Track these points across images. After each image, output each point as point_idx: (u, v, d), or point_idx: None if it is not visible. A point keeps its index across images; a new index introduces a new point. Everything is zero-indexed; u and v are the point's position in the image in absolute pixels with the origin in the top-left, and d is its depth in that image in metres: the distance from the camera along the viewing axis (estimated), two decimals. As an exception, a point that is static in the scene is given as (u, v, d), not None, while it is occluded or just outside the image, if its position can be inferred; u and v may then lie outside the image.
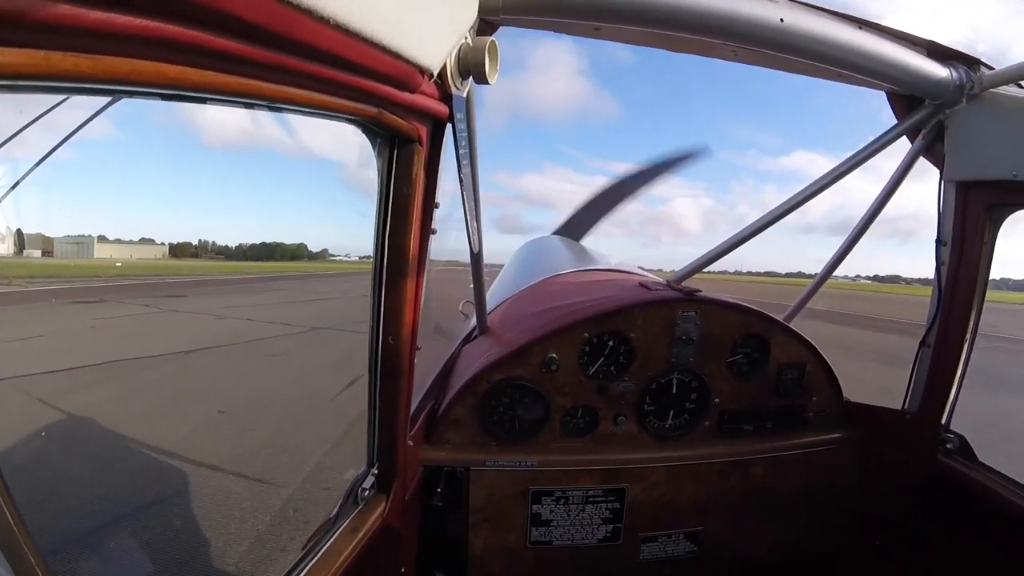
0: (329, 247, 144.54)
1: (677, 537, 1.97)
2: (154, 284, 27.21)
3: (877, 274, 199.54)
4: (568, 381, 1.86)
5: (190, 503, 3.89)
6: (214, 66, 0.63)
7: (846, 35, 1.47)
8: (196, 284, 29.06)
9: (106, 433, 5.30)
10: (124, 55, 0.54)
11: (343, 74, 0.81)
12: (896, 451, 1.96)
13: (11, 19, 0.42)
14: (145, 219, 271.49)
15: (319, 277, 43.41)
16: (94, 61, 0.51)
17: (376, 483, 1.51)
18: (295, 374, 7.89)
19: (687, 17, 1.32)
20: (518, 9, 1.26)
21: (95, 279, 29.09)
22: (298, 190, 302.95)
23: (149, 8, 0.51)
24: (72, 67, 0.50)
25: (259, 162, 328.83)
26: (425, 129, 1.15)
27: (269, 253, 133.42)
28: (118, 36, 0.51)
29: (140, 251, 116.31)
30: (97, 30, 0.49)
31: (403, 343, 1.35)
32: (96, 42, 0.50)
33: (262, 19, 0.60)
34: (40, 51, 0.47)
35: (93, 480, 4.20)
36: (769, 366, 1.96)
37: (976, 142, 1.66)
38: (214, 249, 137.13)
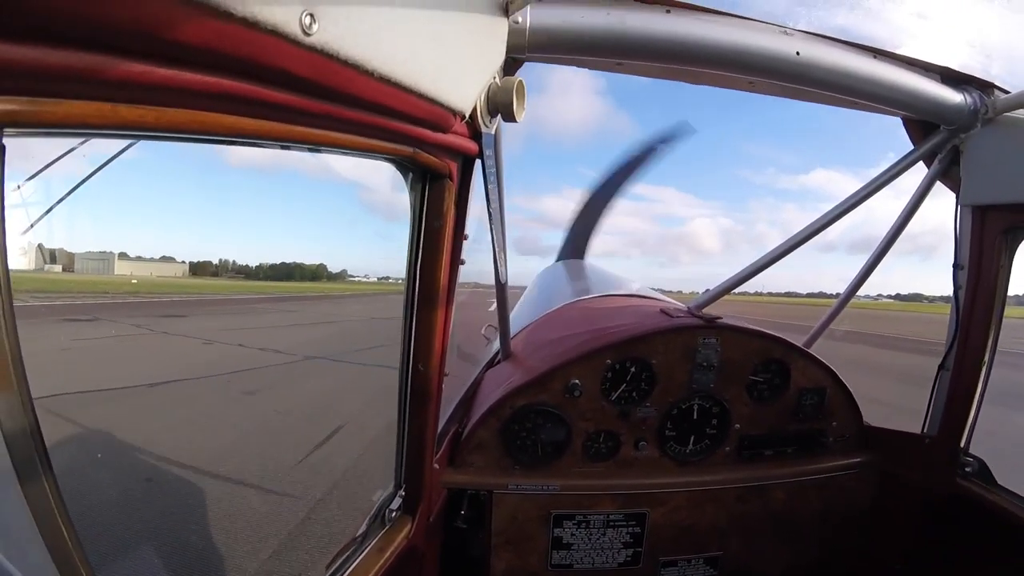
0: (349, 268, 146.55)
1: (697, 562, 1.97)
2: (160, 303, 26.62)
3: (899, 292, 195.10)
4: (590, 406, 1.88)
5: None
6: (268, 115, 0.68)
7: (861, 64, 1.48)
8: (204, 303, 28.43)
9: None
10: (187, 107, 0.59)
11: (383, 119, 0.86)
12: (915, 475, 1.95)
13: (92, 76, 0.48)
14: (167, 237, 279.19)
15: (333, 298, 42.48)
16: (159, 113, 0.56)
17: (403, 504, 1.53)
18: (258, 422, 6.34)
19: (705, 52, 1.35)
20: (543, 48, 1.30)
21: (104, 295, 28.62)
22: (320, 212, 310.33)
23: (211, 65, 0.56)
24: (139, 119, 0.55)
25: (282, 183, 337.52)
26: (456, 165, 1.20)
27: (288, 273, 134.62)
28: (182, 91, 0.56)
29: (160, 269, 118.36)
30: (163, 85, 0.54)
31: (432, 370, 1.39)
32: (162, 96, 0.55)
33: (313, 74, 0.65)
34: (108, 104, 0.52)
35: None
36: (789, 391, 1.97)
37: (991, 166, 1.66)
38: (234, 268, 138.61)
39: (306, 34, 0.60)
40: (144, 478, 4.61)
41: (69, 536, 0.71)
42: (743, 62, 1.38)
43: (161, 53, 0.52)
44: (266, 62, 0.59)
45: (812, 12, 1.46)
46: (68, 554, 0.71)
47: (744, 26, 1.38)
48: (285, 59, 0.60)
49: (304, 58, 0.62)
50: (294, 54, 0.61)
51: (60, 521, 0.69)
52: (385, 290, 61.94)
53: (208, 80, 0.57)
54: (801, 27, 1.44)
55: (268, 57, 0.59)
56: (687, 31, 1.33)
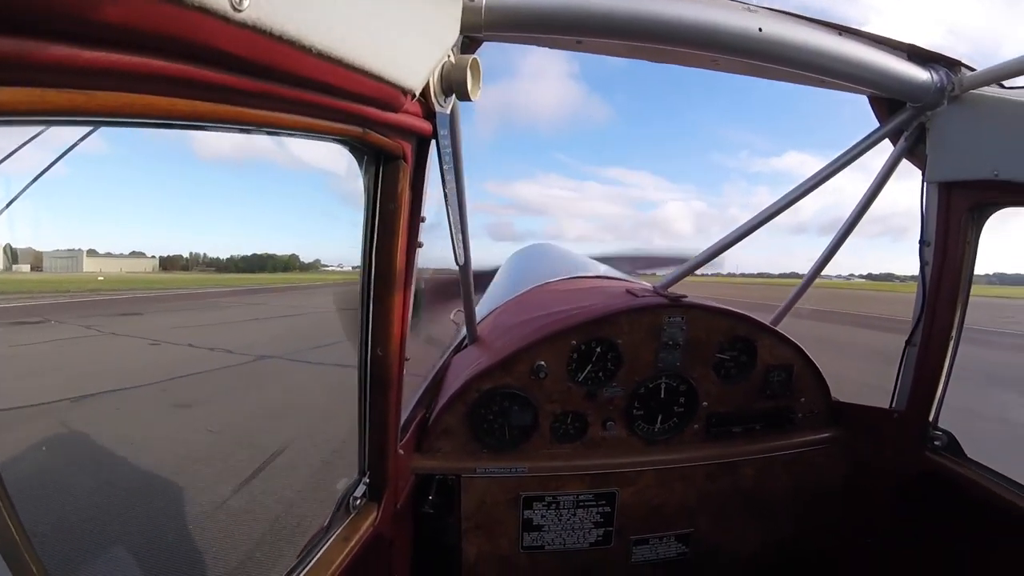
0: (322, 258, 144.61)
1: (668, 539, 1.98)
2: (121, 300, 24.91)
3: (871, 272, 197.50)
4: (557, 388, 1.88)
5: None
6: (202, 96, 0.66)
7: (826, 42, 1.47)
8: (166, 299, 27.27)
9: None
10: (116, 90, 0.56)
11: (327, 98, 0.84)
12: (885, 449, 1.97)
13: (11, 61, 0.45)
14: (137, 232, 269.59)
15: (303, 289, 41.11)
16: (88, 96, 0.54)
17: (368, 492, 1.52)
18: (182, 450, 5.20)
19: (667, 29, 1.33)
20: (500, 26, 1.28)
21: (65, 295, 27.45)
22: (290, 201, 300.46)
23: (139, 46, 0.54)
24: (68, 103, 0.53)
25: (252, 174, 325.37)
26: (410, 146, 1.18)
27: (261, 265, 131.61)
28: (111, 72, 0.53)
29: (130, 264, 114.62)
30: (90, 68, 0.51)
31: (391, 355, 1.37)
32: (90, 79, 0.53)
33: (246, 52, 0.62)
34: (36, 88, 0.50)
35: None
36: (756, 368, 1.98)
37: (957, 143, 1.66)
38: (205, 261, 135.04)
39: (236, 10, 0.58)
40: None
41: (20, 539, 0.71)
42: (706, 39, 1.37)
43: (86, 34, 0.49)
44: (196, 40, 0.57)
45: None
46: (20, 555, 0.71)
47: (707, 3, 1.36)
48: (216, 37, 0.58)
49: (236, 35, 0.60)
50: (225, 31, 0.59)
51: (10, 523, 0.69)
52: (356, 279, 61.45)
53: (137, 61, 0.55)
54: (765, 4, 1.43)
55: (198, 35, 0.57)
56: (649, 8, 1.31)
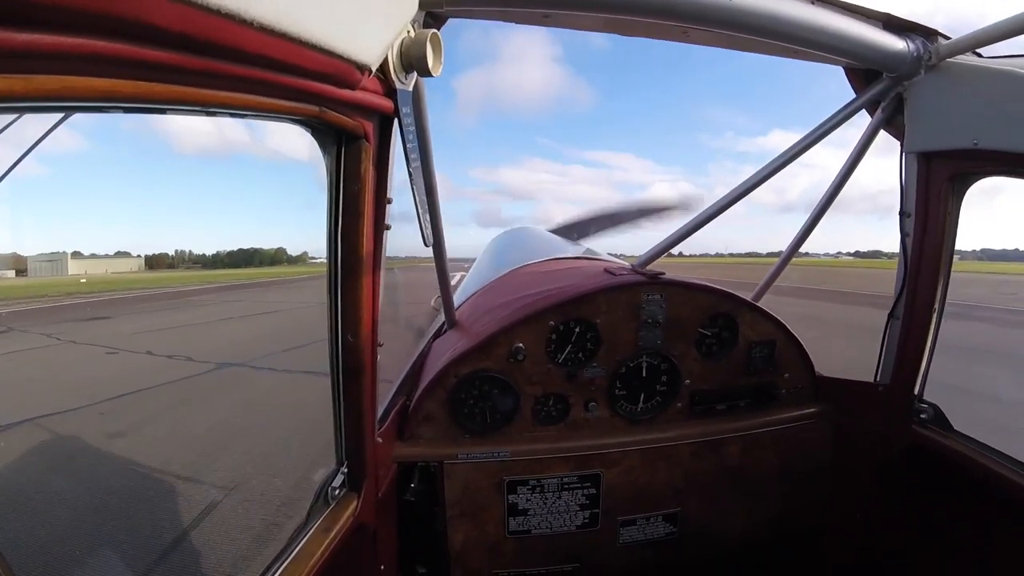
0: (309, 250, 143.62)
1: (655, 519, 1.98)
2: (95, 303, 23.51)
3: (858, 250, 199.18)
4: (536, 370, 1.86)
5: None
6: (142, 76, 0.63)
7: (799, 11, 1.44)
8: (142, 300, 25.58)
9: None
10: (54, 72, 0.54)
11: (276, 75, 0.81)
12: (871, 424, 1.97)
13: None
14: (122, 232, 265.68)
15: (287, 283, 39.87)
16: (25, 81, 0.52)
17: (346, 482, 1.50)
18: (99, 492, 4.32)
19: (634, 1, 1.30)
20: (463, 0, 1.24)
21: (42, 299, 26.47)
22: (275, 193, 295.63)
23: (71, 25, 0.51)
24: (7, 88, 0.50)
25: (235, 167, 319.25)
26: (372, 125, 1.15)
27: (248, 259, 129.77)
28: (44, 55, 0.51)
29: (116, 265, 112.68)
30: (25, 50, 0.49)
31: (363, 340, 1.35)
32: (25, 61, 0.50)
33: (184, 27, 0.60)
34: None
35: None
36: (738, 345, 1.96)
37: (936, 113, 1.65)
38: (191, 259, 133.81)
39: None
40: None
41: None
42: (675, 10, 1.34)
43: (15, 15, 0.47)
44: (129, 16, 0.54)
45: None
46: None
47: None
48: (148, 12, 0.55)
49: (169, 9, 0.57)
50: (157, 5, 0.56)
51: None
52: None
53: (71, 41, 0.52)
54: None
55: (130, 11, 0.53)
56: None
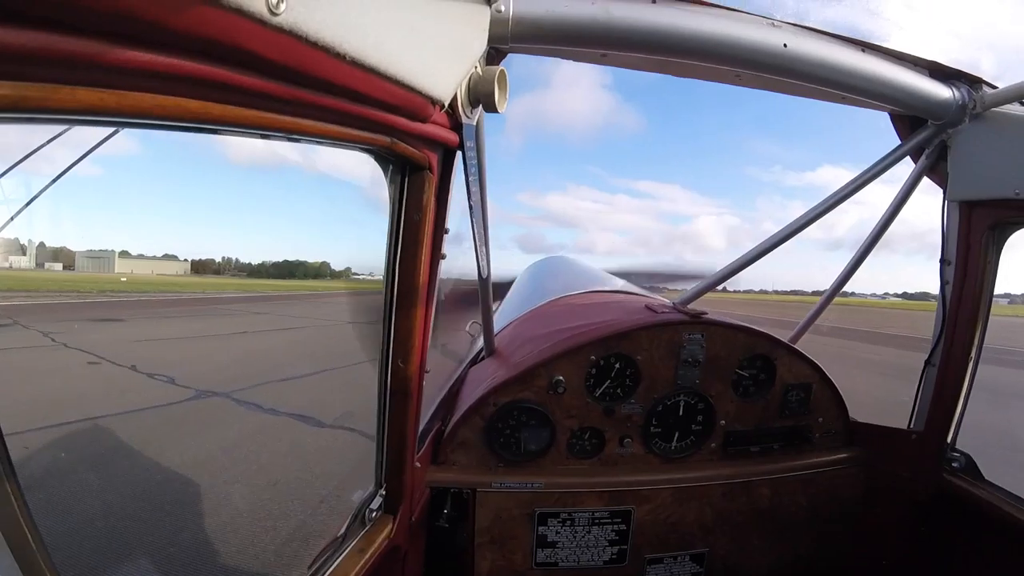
0: (353, 266, 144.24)
1: (683, 559, 1.95)
2: (118, 303, 23.57)
3: (906, 291, 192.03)
4: (574, 403, 1.86)
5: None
6: (234, 100, 0.65)
7: (849, 58, 1.46)
8: (166, 303, 25.25)
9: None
10: (148, 90, 0.56)
11: (358, 106, 0.83)
12: (902, 470, 1.95)
13: (40, 55, 0.45)
14: (171, 235, 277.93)
15: (319, 297, 38.90)
16: (119, 96, 0.53)
17: (384, 504, 1.51)
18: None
19: (691, 44, 1.32)
20: (526, 38, 1.27)
21: (72, 293, 26.49)
22: (323, 209, 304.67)
23: (172, 46, 0.53)
24: (99, 102, 0.52)
25: (285, 179, 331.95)
26: (436, 156, 1.17)
27: (291, 271, 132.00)
28: (142, 72, 0.53)
29: (162, 267, 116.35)
30: (121, 67, 0.51)
31: (412, 366, 1.37)
32: (121, 78, 0.52)
33: (281, 56, 0.62)
34: (66, 86, 0.49)
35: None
36: (775, 387, 1.96)
37: (978, 161, 1.65)
38: (237, 266, 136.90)
39: (273, 14, 0.57)
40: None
41: (34, 539, 0.71)
42: (730, 54, 1.36)
43: (119, 31, 0.49)
44: (231, 42, 0.56)
45: (800, 4, 1.44)
46: (33, 558, 0.71)
47: (731, 17, 1.35)
48: (251, 40, 0.58)
49: (271, 39, 0.60)
50: (260, 34, 0.58)
51: (24, 525, 0.70)
52: (376, 288, 59.49)
53: (171, 62, 0.54)
54: (789, 19, 1.42)
55: (233, 37, 0.56)
56: (673, 22, 1.30)
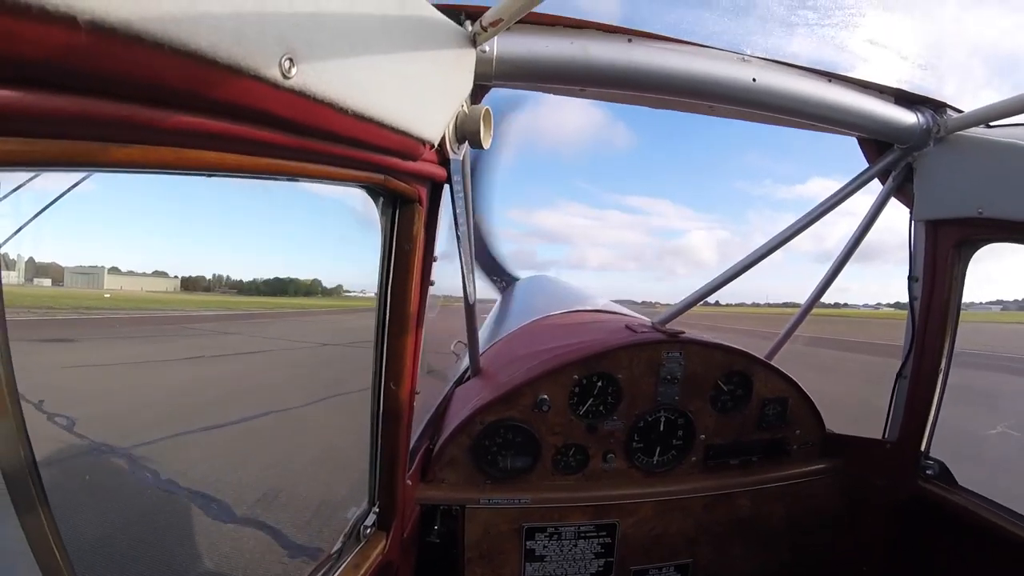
0: (344, 284, 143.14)
1: (668, 570, 1.99)
2: (80, 321, 22.25)
3: (898, 301, 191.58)
4: (558, 421, 1.90)
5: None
6: (247, 151, 0.70)
7: (816, 89, 1.53)
8: (134, 322, 23.75)
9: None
10: (172, 145, 0.60)
11: (356, 151, 0.88)
12: (878, 479, 2.00)
13: (78, 118, 0.49)
14: (163, 252, 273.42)
15: (303, 315, 37.08)
16: (145, 151, 0.58)
17: (377, 521, 1.53)
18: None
19: (666, 80, 1.39)
20: (509, 76, 1.33)
21: (41, 310, 25.72)
22: (315, 226, 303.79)
23: (198, 108, 0.58)
24: (127, 157, 0.56)
25: (277, 197, 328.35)
26: (425, 190, 1.21)
27: (283, 289, 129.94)
28: (168, 131, 0.57)
29: (152, 283, 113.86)
30: (151, 125, 0.55)
31: (404, 388, 1.40)
32: (150, 135, 0.57)
33: (291, 113, 0.68)
34: (101, 143, 0.53)
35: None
36: (752, 401, 2.01)
37: (943, 182, 1.71)
38: (228, 284, 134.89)
39: (286, 77, 0.63)
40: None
41: (62, 559, 0.74)
42: (702, 89, 1.42)
43: (150, 97, 0.53)
44: (248, 104, 0.61)
45: (768, 39, 1.48)
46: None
47: (703, 54, 1.41)
48: (266, 101, 0.63)
49: (284, 99, 0.65)
50: (274, 96, 0.63)
51: (52, 543, 0.73)
52: (359, 305, 57.05)
53: (193, 121, 0.58)
54: (758, 54, 1.47)
55: (250, 99, 0.61)
56: (648, 59, 1.36)
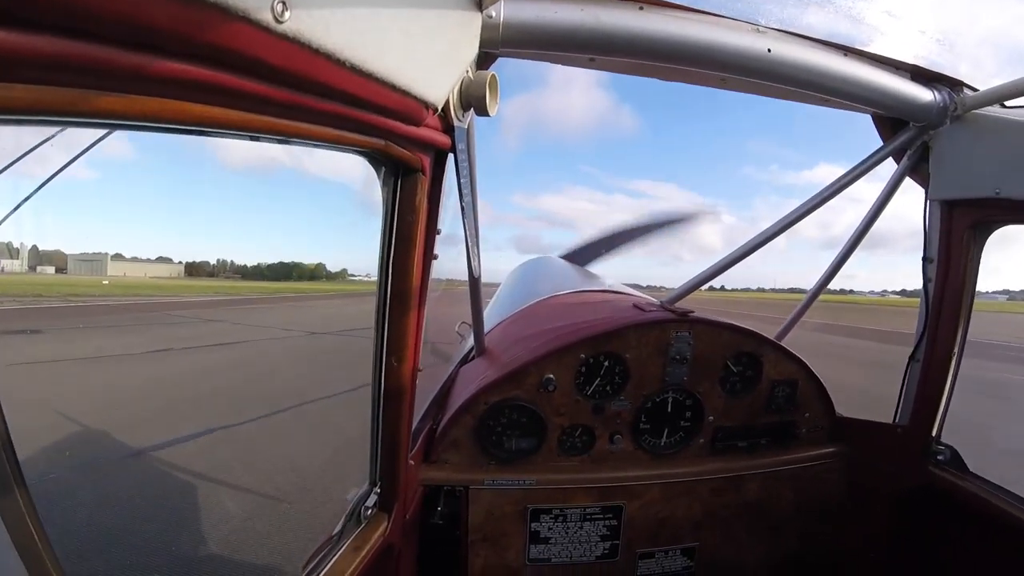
0: (349, 267, 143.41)
1: (674, 553, 1.98)
2: (58, 309, 21.46)
3: (904, 288, 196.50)
4: (564, 401, 1.88)
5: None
6: (234, 104, 0.65)
7: (832, 62, 1.48)
8: (116, 310, 22.61)
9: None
10: (153, 95, 0.56)
11: (355, 111, 0.84)
12: (888, 464, 1.97)
13: (51, 61, 0.45)
14: (166, 238, 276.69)
15: (300, 300, 36.21)
16: (128, 101, 0.54)
17: (378, 502, 1.51)
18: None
19: (678, 49, 1.35)
20: (516, 42, 1.29)
21: (32, 298, 25.07)
22: (320, 210, 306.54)
23: (180, 52, 0.54)
24: (108, 107, 0.52)
25: (282, 184, 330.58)
26: (428, 159, 1.18)
27: (286, 273, 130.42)
28: (148, 78, 0.53)
29: (156, 269, 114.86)
30: (129, 72, 0.51)
31: (406, 365, 1.37)
32: (128, 83, 0.53)
33: (285, 63, 0.63)
34: (77, 90, 0.49)
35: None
36: (762, 383, 1.98)
37: (959, 162, 1.67)
38: (232, 268, 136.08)
39: (278, 21, 0.58)
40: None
41: (39, 538, 0.71)
42: (715, 59, 1.38)
43: (131, 39, 0.49)
44: (237, 49, 0.57)
45: (784, 10, 1.44)
46: (39, 556, 0.72)
47: (716, 23, 1.37)
48: (256, 46, 0.58)
49: (275, 46, 0.60)
50: (265, 41, 0.59)
51: (31, 524, 0.70)
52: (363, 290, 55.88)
53: (179, 67, 0.55)
54: (773, 25, 1.43)
55: (239, 44, 0.57)
56: (660, 28, 1.32)
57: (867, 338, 18.55)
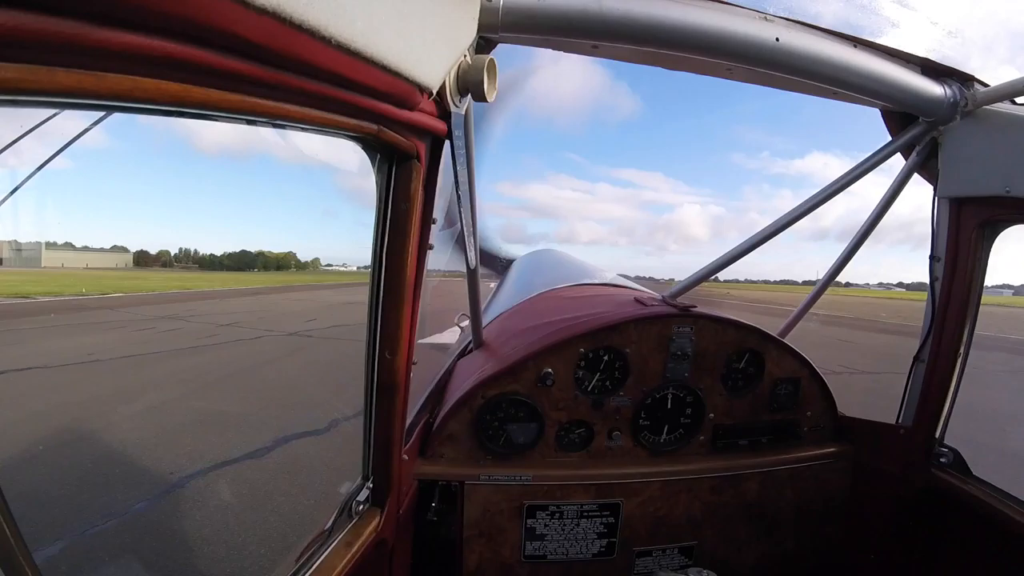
0: (323, 256, 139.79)
1: (671, 552, 1.96)
2: None
3: (901, 281, 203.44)
4: (563, 396, 1.86)
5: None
6: (215, 84, 0.63)
7: (841, 54, 1.46)
8: (28, 313, 18.81)
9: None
10: (127, 72, 0.53)
11: (344, 92, 0.81)
12: (890, 465, 1.96)
13: (17, 36, 0.43)
14: (129, 227, 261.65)
15: (262, 294, 34.26)
16: (97, 78, 0.51)
17: (371, 497, 1.50)
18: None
19: (684, 37, 1.32)
20: (517, 27, 1.27)
21: None
22: (295, 196, 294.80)
23: (153, 27, 0.51)
24: (76, 84, 0.50)
25: (254, 167, 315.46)
26: (424, 146, 1.16)
27: (250, 262, 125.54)
28: (121, 54, 0.51)
29: (102, 259, 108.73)
30: (101, 48, 0.49)
31: (399, 358, 1.35)
32: (100, 60, 0.50)
33: (264, 39, 0.60)
34: (44, 67, 0.47)
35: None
36: (764, 381, 1.96)
37: (969, 159, 1.65)
38: (192, 258, 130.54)
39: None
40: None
41: (12, 534, 0.68)
42: (722, 48, 1.36)
43: (98, 12, 0.47)
44: (213, 24, 0.54)
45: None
46: (11, 553, 0.69)
47: (724, 11, 1.35)
48: (233, 22, 0.55)
49: (254, 21, 0.57)
50: (243, 16, 0.55)
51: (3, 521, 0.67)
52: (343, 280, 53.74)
53: (151, 43, 0.52)
54: (781, 13, 1.41)
55: (215, 19, 0.53)
56: (666, 14, 1.30)
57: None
